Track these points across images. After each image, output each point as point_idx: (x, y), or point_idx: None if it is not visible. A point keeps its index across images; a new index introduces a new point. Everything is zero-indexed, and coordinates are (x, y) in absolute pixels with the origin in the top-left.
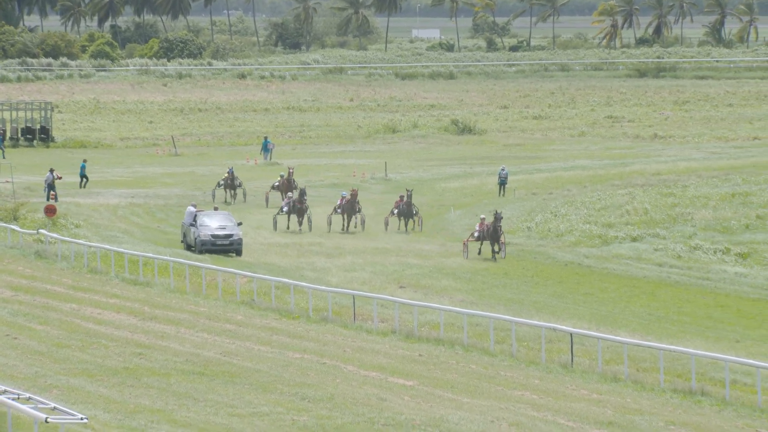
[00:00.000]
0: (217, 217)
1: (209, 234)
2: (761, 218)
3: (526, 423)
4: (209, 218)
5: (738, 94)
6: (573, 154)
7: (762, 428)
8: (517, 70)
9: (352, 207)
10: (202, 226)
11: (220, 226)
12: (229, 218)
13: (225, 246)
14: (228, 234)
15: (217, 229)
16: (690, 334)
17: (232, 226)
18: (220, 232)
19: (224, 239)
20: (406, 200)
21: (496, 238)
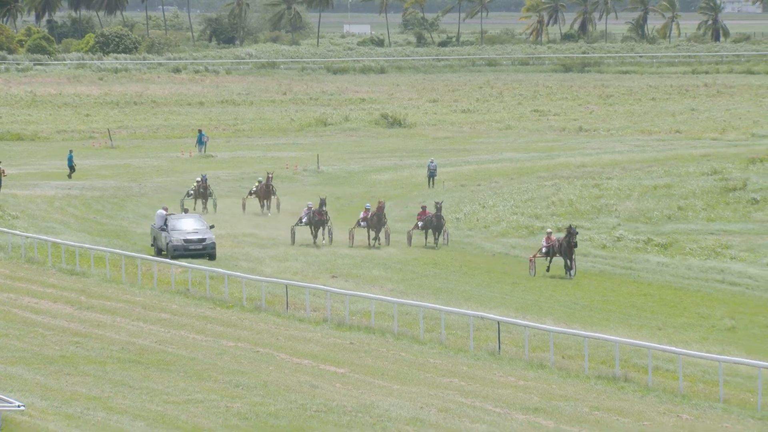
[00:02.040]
0: (189, 220)
1: (181, 239)
2: (683, 209)
3: (455, 409)
4: (180, 222)
5: (660, 88)
6: (500, 147)
7: (683, 413)
8: (445, 64)
9: (380, 220)
10: (173, 230)
11: (192, 230)
12: (200, 222)
13: (198, 250)
14: (201, 238)
15: (190, 234)
16: (614, 322)
17: (204, 229)
18: (192, 237)
19: (197, 243)
20: (437, 213)
21: (570, 254)
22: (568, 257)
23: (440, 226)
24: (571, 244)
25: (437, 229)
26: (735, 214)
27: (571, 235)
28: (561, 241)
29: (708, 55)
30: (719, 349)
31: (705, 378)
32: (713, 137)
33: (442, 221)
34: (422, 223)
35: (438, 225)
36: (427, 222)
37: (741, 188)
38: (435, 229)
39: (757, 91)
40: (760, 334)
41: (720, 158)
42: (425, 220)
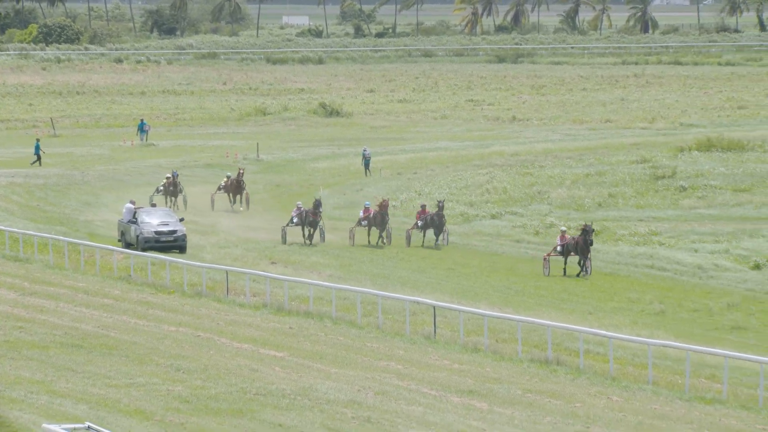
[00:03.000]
0: (158, 213)
1: (152, 231)
2: (613, 197)
3: (392, 392)
4: (150, 215)
5: (591, 78)
6: (436, 136)
7: (613, 395)
8: (382, 55)
9: (383, 219)
10: (143, 223)
11: (162, 222)
12: (170, 214)
13: (169, 242)
14: (172, 230)
15: (160, 226)
16: (546, 307)
17: (174, 222)
18: (163, 229)
19: (168, 235)
20: (438, 212)
21: (586, 252)
22: (584, 256)
23: (441, 225)
24: (587, 242)
25: (438, 229)
26: (664, 202)
27: (588, 233)
28: (577, 240)
29: (637, 47)
30: (648, 333)
31: (634, 361)
32: (643, 126)
33: (443, 220)
34: (422, 223)
35: (440, 224)
36: (428, 221)
37: (670, 176)
38: (436, 229)
39: (685, 81)
40: (688, 318)
41: (649, 147)
42: (425, 219)
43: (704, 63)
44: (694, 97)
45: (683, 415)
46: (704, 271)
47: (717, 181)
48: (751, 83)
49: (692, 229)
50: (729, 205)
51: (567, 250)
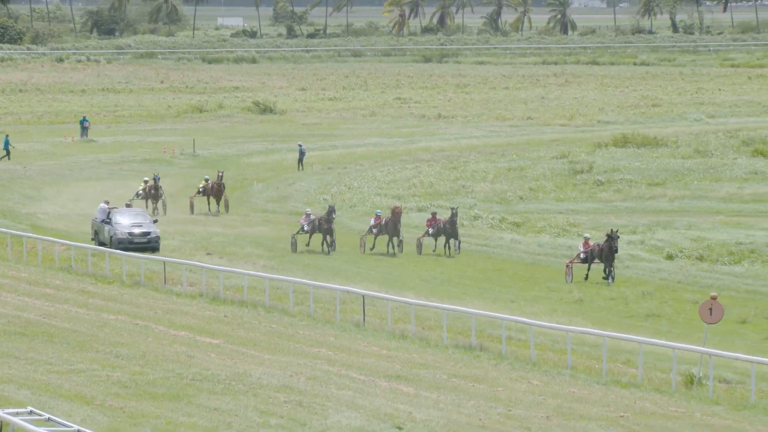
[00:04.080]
0: (131, 214)
1: (126, 232)
2: (534, 190)
3: (322, 377)
4: (124, 216)
5: (513, 77)
6: (365, 133)
7: (534, 379)
8: (314, 55)
9: (395, 226)
10: (117, 224)
11: (135, 223)
12: (143, 215)
13: (143, 244)
14: (146, 231)
15: (134, 227)
16: (470, 296)
17: (148, 223)
18: (136, 230)
19: (142, 237)
20: (451, 219)
21: (611, 260)
22: (609, 263)
23: (454, 234)
24: (612, 249)
25: (451, 237)
26: (582, 195)
27: (613, 239)
28: (601, 246)
29: (557, 47)
30: (567, 320)
31: (554, 347)
32: (562, 123)
33: (456, 228)
34: (433, 230)
35: (453, 232)
36: (440, 229)
37: (587, 171)
38: (448, 237)
39: (602, 81)
40: (605, 306)
41: (568, 143)
42: (437, 227)
43: (620, 63)
44: (611, 95)
45: (600, 398)
46: (620, 261)
47: (632, 176)
48: (665, 82)
49: (609, 222)
50: (644, 199)
51: (591, 257)
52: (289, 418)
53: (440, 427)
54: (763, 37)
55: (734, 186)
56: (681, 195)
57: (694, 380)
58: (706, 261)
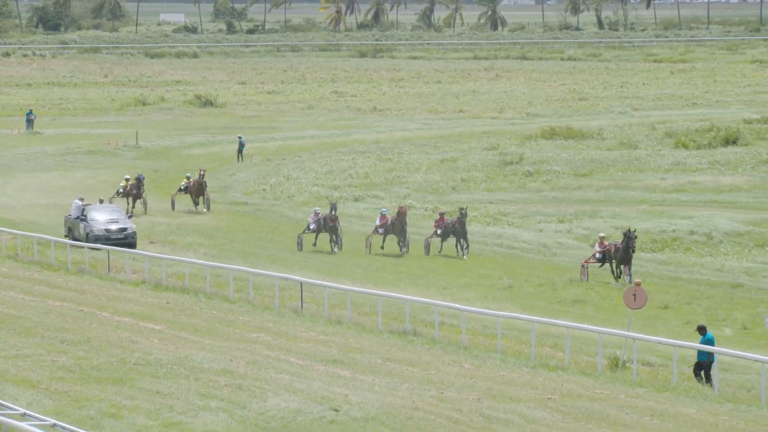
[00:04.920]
0: (107, 210)
1: (102, 228)
2: (465, 181)
3: (261, 361)
4: (99, 212)
5: (446, 72)
6: (303, 125)
7: (465, 363)
8: (253, 50)
9: (401, 227)
10: (93, 220)
11: (111, 219)
12: (119, 211)
13: (120, 240)
14: (122, 227)
15: (110, 223)
16: (404, 283)
17: (124, 219)
18: (112, 226)
19: (119, 233)
20: (460, 219)
21: (628, 260)
22: (626, 264)
23: (464, 234)
24: (629, 249)
25: (461, 237)
26: (512, 185)
27: (630, 239)
28: (618, 246)
29: (488, 43)
30: (497, 306)
31: (485, 332)
32: (493, 116)
33: (465, 228)
34: (441, 231)
35: (462, 232)
36: (448, 229)
37: (517, 162)
38: (458, 237)
39: (531, 75)
40: (534, 292)
41: (498, 135)
42: (445, 227)
43: (548, 58)
44: (539, 89)
45: (529, 380)
46: (548, 249)
47: (560, 167)
48: (591, 77)
49: (537, 211)
50: (571, 189)
51: (608, 257)
52: (229, 401)
53: (375, 410)
54: (685, 33)
55: (657, 177)
56: (606, 185)
57: (618, 363)
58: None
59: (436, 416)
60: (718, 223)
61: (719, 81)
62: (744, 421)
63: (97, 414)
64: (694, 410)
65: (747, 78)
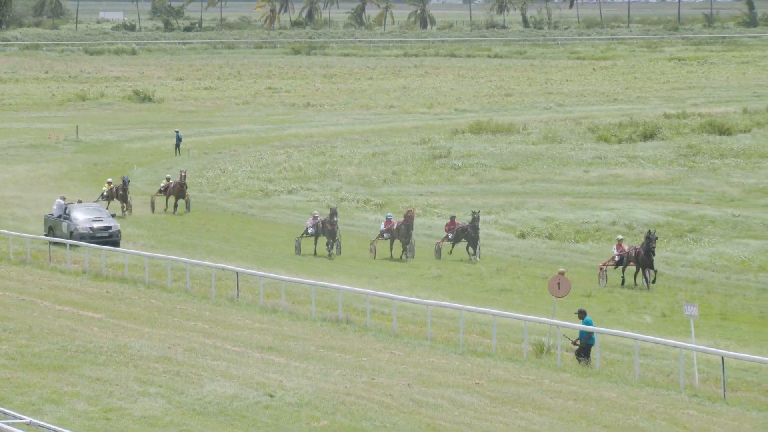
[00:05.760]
0: (89, 209)
1: (87, 227)
2: (396, 174)
3: (199, 348)
4: (81, 211)
5: (377, 69)
6: (239, 120)
7: (396, 350)
8: (190, 47)
9: (408, 231)
10: (76, 219)
11: (95, 218)
12: (101, 210)
13: (105, 238)
14: (106, 226)
15: (93, 221)
16: (337, 272)
17: (107, 217)
18: (96, 224)
19: (103, 231)
20: (473, 223)
21: (649, 263)
22: (647, 267)
23: (476, 239)
24: (650, 251)
25: (473, 241)
26: (441, 178)
27: (651, 240)
28: (638, 249)
29: (417, 41)
30: (427, 295)
31: (415, 319)
32: (422, 112)
33: (478, 232)
34: (453, 235)
35: (474, 237)
36: (460, 233)
37: (446, 156)
38: (471, 241)
39: (459, 72)
40: (462, 281)
41: (428, 130)
42: (457, 231)
43: (476, 55)
44: (467, 85)
45: (457, 366)
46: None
47: (487, 160)
48: (517, 73)
49: (466, 203)
50: (497, 181)
51: (627, 260)
52: (167, 387)
53: (309, 395)
54: (607, 31)
55: (580, 170)
56: (532, 178)
57: (543, 349)
58: (555, 239)
59: (368, 401)
60: (638, 215)
61: (639, 78)
62: (663, 405)
63: (39, 400)
64: (616, 394)
65: (665, 75)
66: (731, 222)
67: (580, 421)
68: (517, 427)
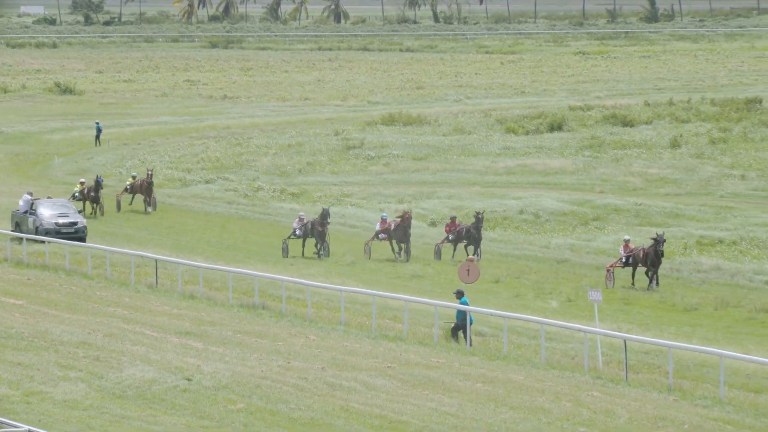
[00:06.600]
0: (56, 205)
1: (53, 222)
2: (311, 164)
3: (118, 334)
4: (48, 207)
5: (292, 62)
6: (157, 112)
7: (311, 334)
8: (110, 41)
9: (405, 232)
10: (42, 215)
11: (61, 213)
12: (68, 206)
13: (70, 234)
14: (72, 221)
15: (59, 217)
16: (254, 260)
17: (74, 213)
18: (62, 220)
19: (69, 227)
20: (476, 224)
21: (657, 265)
22: (654, 268)
23: (479, 240)
24: (659, 253)
25: (476, 243)
26: (354, 168)
27: (659, 243)
28: (647, 251)
29: (331, 35)
30: (341, 281)
31: (329, 305)
32: (336, 104)
33: (481, 233)
34: (453, 236)
35: (477, 238)
36: (462, 234)
37: (359, 147)
38: (474, 243)
39: (372, 65)
40: (375, 268)
41: (342, 121)
42: (458, 233)
43: (388, 49)
44: (380, 78)
45: (370, 350)
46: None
47: (399, 151)
48: (428, 67)
49: (378, 192)
50: (409, 172)
51: (635, 261)
52: (87, 372)
53: (226, 379)
54: (514, 26)
55: (489, 160)
56: (442, 168)
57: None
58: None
59: (283, 384)
60: (545, 203)
61: (546, 71)
62: (568, 387)
63: None
64: (523, 377)
65: (571, 68)
66: (633, 210)
67: (488, 403)
68: (427, 408)
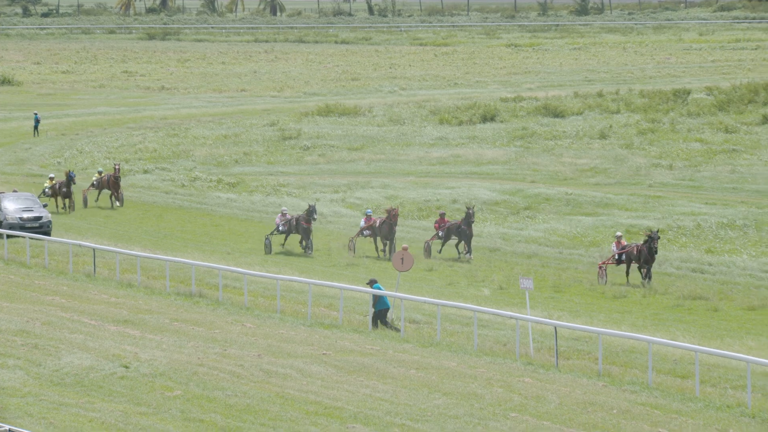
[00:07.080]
0: (20, 199)
1: (17, 217)
2: (248, 154)
3: (56, 322)
4: (12, 201)
5: (229, 54)
6: (95, 103)
7: (248, 322)
8: (48, 33)
9: (391, 229)
10: (6, 209)
11: (25, 207)
12: (33, 200)
13: (35, 228)
14: (37, 216)
15: (24, 211)
16: (191, 249)
17: (38, 207)
18: (26, 215)
19: (34, 221)
20: (467, 220)
21: (651, 261)
22: (648, 265)
23: (470, 236)
24: (652, 250)
25: (467, 239)
26: (290, 158)
27: (653, 239)
28: (640, 247)
29: (267, 27)
30: (277, 270)
31: (265, 293)
32: (273, 95)
33: (472, 230)
34: (443, 233)
35: (469, 234)
36: (453, 231)
37: (295, 137)
38: (465, 239)
39: (308, 57)
40: (310, 257)
41: (278, 112)
42: (448, 229)
43: (323, 41)
44: (316, 70)
45: (306, 338)
46: (324, 216)
47: (334, 142)
48: (363, 58)
49: (314, 182)
50: (345, 162)
51: (628, 258)
52: (25, 360)
53: (163, 366)
54: (447, 19)
55: (422, 150)
56: (377, 158)
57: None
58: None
59: (220, 371)
60: (477, 193)
61: (478, 63)
62: (500, 373)
63: None
64: (456, 363)
65: (503, 60)
66: (564, 200)
67: (421, 389)
68: (361, 395)
